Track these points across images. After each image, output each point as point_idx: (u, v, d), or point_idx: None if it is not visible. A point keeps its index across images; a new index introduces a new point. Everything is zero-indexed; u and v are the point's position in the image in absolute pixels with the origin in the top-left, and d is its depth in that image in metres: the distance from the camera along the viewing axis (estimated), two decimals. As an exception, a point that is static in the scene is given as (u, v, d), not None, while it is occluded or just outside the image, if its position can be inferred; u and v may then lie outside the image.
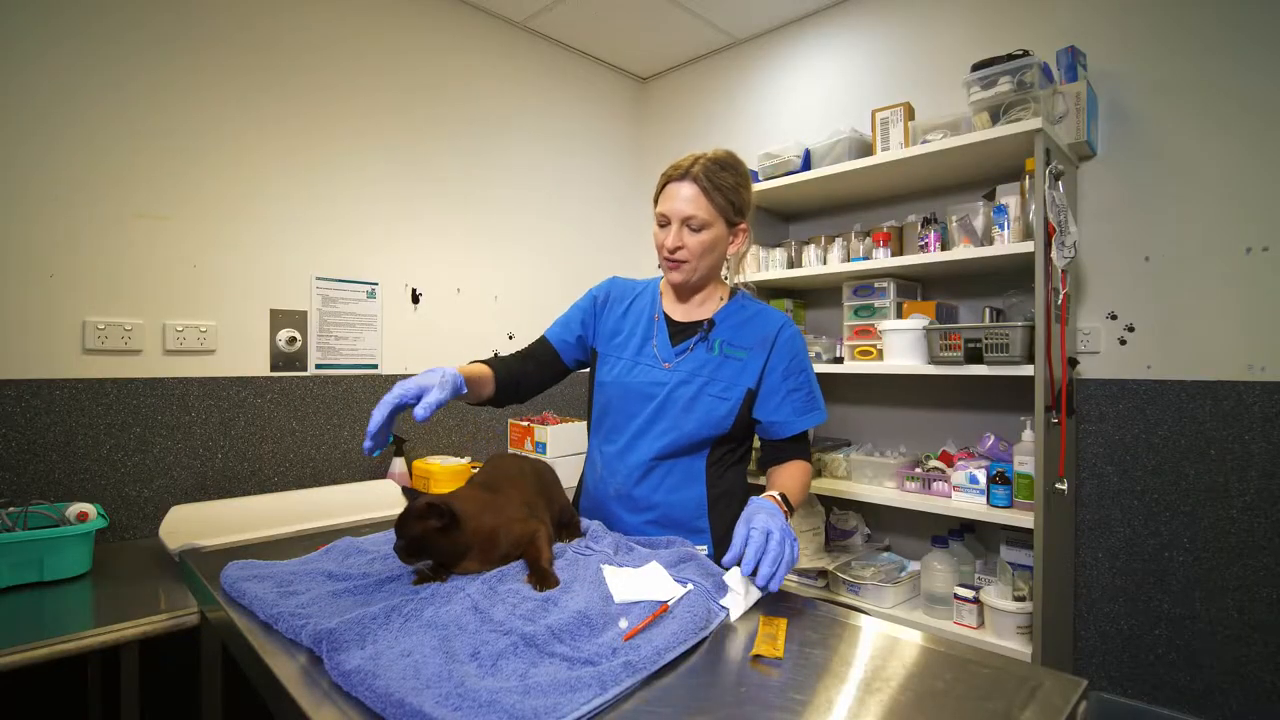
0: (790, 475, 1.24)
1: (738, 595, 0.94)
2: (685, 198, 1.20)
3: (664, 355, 1.28)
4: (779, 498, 1.09)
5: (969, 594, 1.83)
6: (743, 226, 1.28)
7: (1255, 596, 1.72)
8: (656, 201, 1.27)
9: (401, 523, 0.97)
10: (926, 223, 2.04)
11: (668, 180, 1.24)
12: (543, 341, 1.38)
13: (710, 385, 1.23)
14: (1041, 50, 1.95)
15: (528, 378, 1.33)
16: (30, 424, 1.65)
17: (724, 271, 1.36)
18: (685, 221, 1.21)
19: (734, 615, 0.93)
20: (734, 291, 1.35)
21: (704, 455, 1.26)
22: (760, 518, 0.98)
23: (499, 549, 1.02)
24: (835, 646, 0.84)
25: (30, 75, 1.66)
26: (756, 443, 1.39)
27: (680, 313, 1.33)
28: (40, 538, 1.38)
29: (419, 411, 0.96)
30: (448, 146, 2.51)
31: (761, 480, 2.22)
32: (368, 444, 0.97)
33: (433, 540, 0.97)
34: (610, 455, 1.30)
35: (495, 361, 1.29)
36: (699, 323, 1.29)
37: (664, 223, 1.24)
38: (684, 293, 1.32)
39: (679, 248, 1.22)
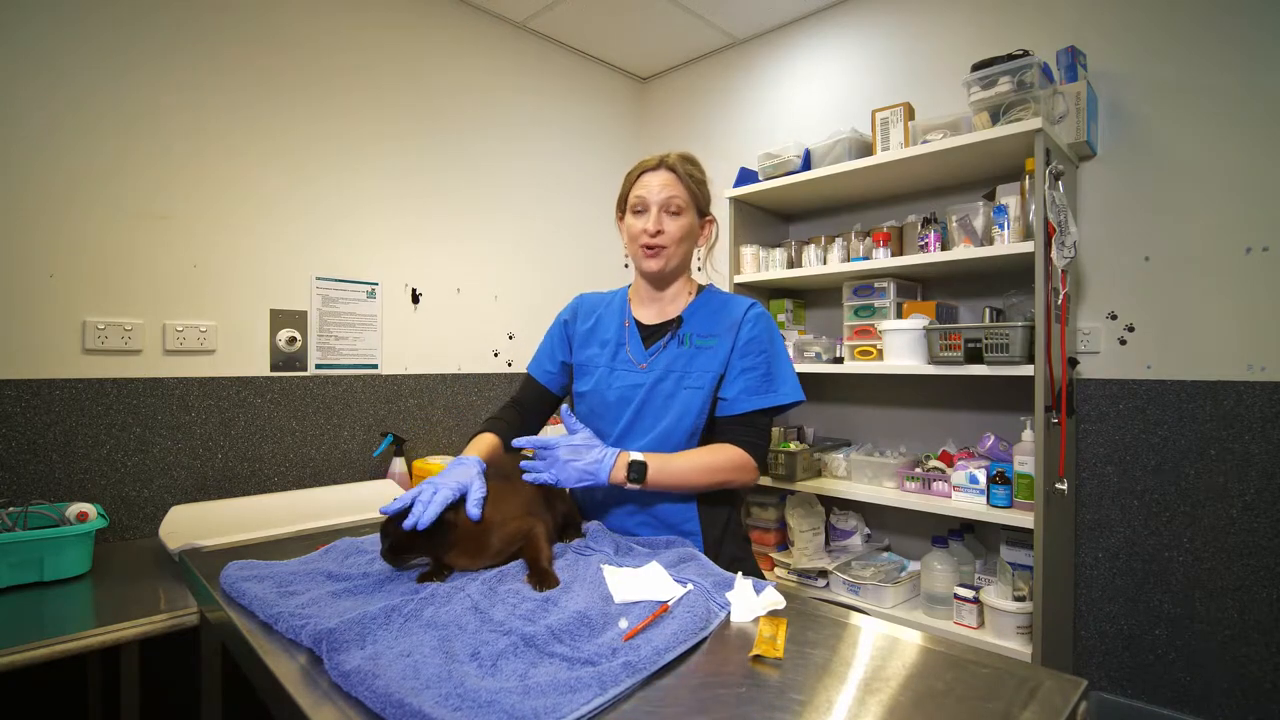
0: (693, 452, 1.19)
1: (742, 605, 0.93)
2: (663, 183, 1.25)
3: (638, 357, 1.30)
4: (630, 454, 1.12)
5: (969, 594, 1.84)
6: (710, 219, 1.33)
7: (1255, 596, 1.72)
8: (625, 199, 1.30)
9: (388, 524, 0.99)
10: (926, 223, 2.04)
11: (643, 171, 1.28)
12: (528, 379, 1.43)
13: (685, 378, 1.24)
14: (1042, 50, 1.95)
15: (528, 427, 1.39)
16: (30, 424, 1.65)
17: (696, 265, 1.37)
18: (664, 206, 1.24)
19: (735, 618, 0.93)
20: (702, 288, 1.36)
21: None
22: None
23: (490, 544, 1.03)
24: (835, 646, 0.84)
25: (28, 73, 1.66)
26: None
27: (650, 315, 1.34)
28: (40, 538, 1.38)
29: (473, 511, 1.01)
30: (448, 146, 2.51)
31: (762, 480, 2.24)
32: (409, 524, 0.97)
33: (418, 537, 0.98)
34: None
35: (497, 424, 1.34)
36: (670, 322, 1.31)
37: (641, 209, 1.26)
38: (659, 283, 1.32)
39: (659, 231, 1.25)
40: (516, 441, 1.13)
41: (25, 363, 1.65)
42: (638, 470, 1.12)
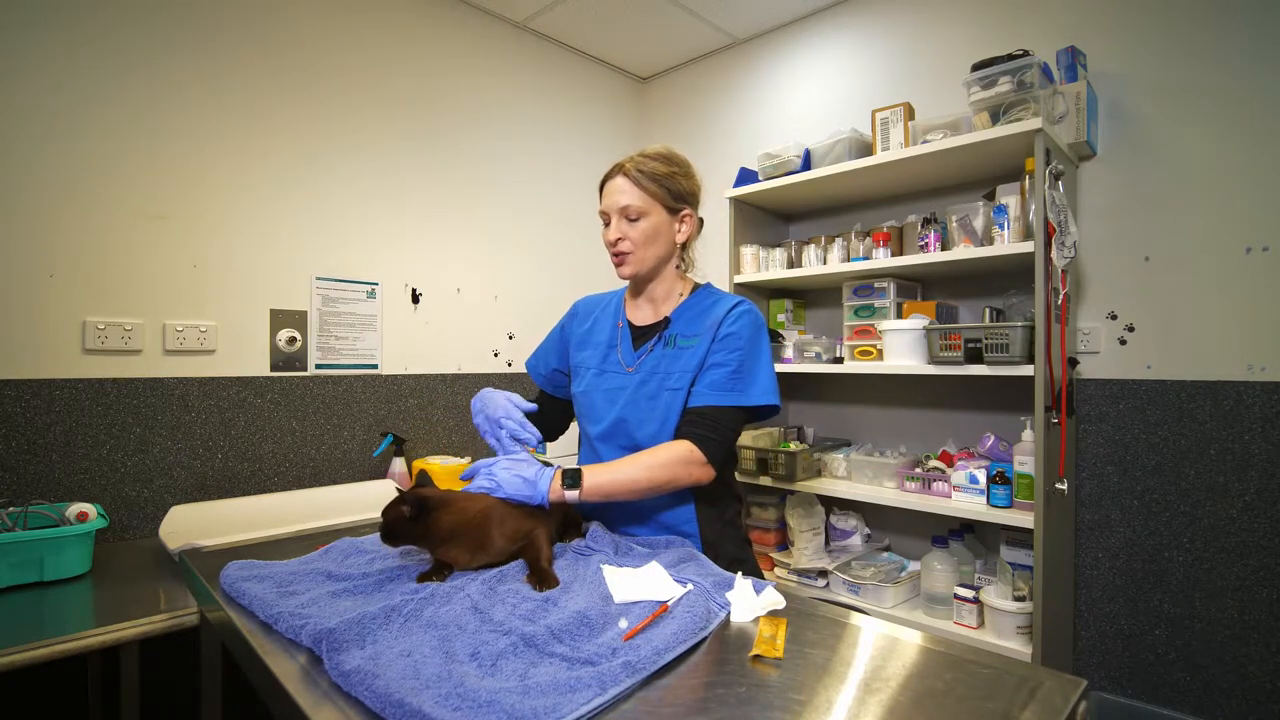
0: (636, 454, 1.16)
1: (742, 605, 0.93)
2: (619, 189, 1.24)
3: (626, 360, 1.29)
4: (561, 470, 1.10)
5: (969, 594, 1.83)
6: (687, 213, 1.29)
7: (1255, 596, 1.72)
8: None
9: (388, 509, 1.02)
10: (926, 223, 2.04)
11: (604, 180, 1.29)
12: (539, 388, 1.47)
13: (667, 380, 1.23)
14: (1042, 50, 1.95)
15: (557, 427, 1.46)
16: (30, 424, 1.65)
17: (676, 262, 1.32)
18: (623, 213, 1.24)
19: (735, 618, 0.93)
20: (698, 287, 1.34)
21: None
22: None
23: (491, 541, 1.03)
24: (835, 646, 0.84)
25: (29, 74, 1.66)
26: (745, 438, 1.37)
27: (642, 316, 1.33)
28: (40, 538, 1.38)
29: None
30: (448, 146, 2.51)
31: (762, 481, 2.24)
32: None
33: (405, 527, 1.00)
34: (589, 462, 1.30)
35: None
36: (659, 324, 1.30)
37: (606, 221, 1.27)
38: (640, 289, 1.32)
39: (620, 239, 1.25)
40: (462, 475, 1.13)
41: (25, 363, 1.65)
42: (571, 476, 1.09)
